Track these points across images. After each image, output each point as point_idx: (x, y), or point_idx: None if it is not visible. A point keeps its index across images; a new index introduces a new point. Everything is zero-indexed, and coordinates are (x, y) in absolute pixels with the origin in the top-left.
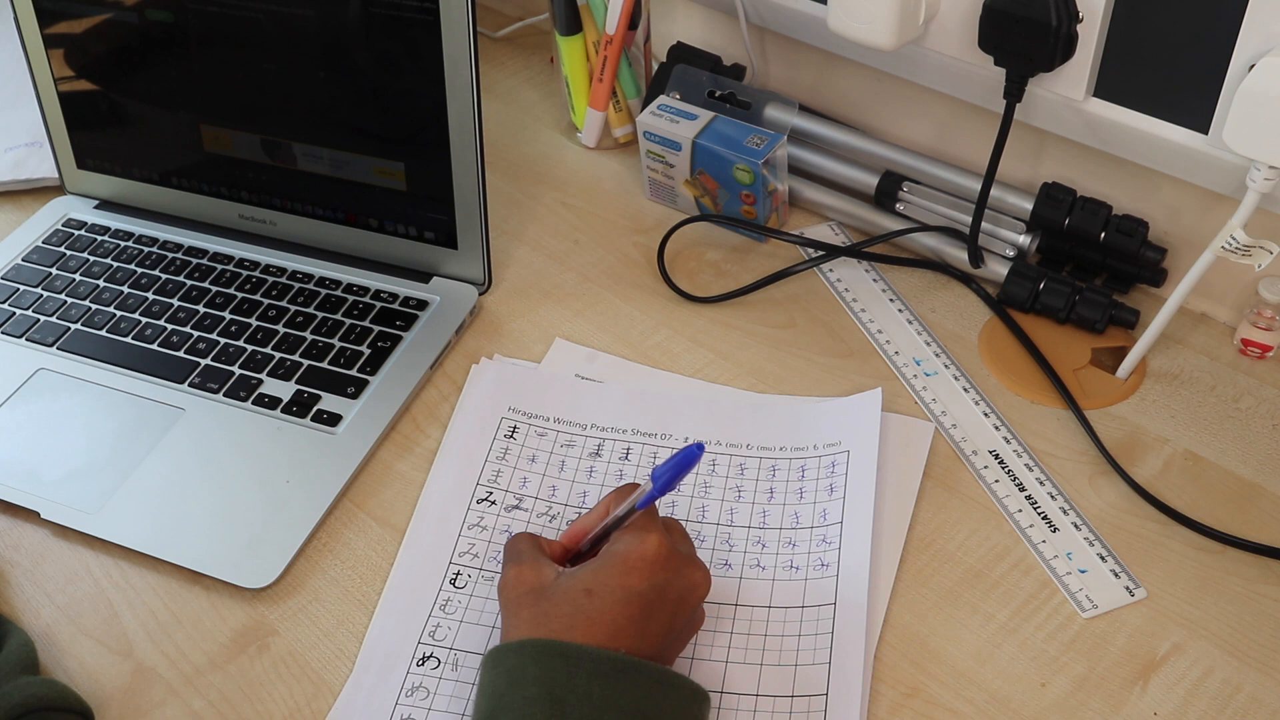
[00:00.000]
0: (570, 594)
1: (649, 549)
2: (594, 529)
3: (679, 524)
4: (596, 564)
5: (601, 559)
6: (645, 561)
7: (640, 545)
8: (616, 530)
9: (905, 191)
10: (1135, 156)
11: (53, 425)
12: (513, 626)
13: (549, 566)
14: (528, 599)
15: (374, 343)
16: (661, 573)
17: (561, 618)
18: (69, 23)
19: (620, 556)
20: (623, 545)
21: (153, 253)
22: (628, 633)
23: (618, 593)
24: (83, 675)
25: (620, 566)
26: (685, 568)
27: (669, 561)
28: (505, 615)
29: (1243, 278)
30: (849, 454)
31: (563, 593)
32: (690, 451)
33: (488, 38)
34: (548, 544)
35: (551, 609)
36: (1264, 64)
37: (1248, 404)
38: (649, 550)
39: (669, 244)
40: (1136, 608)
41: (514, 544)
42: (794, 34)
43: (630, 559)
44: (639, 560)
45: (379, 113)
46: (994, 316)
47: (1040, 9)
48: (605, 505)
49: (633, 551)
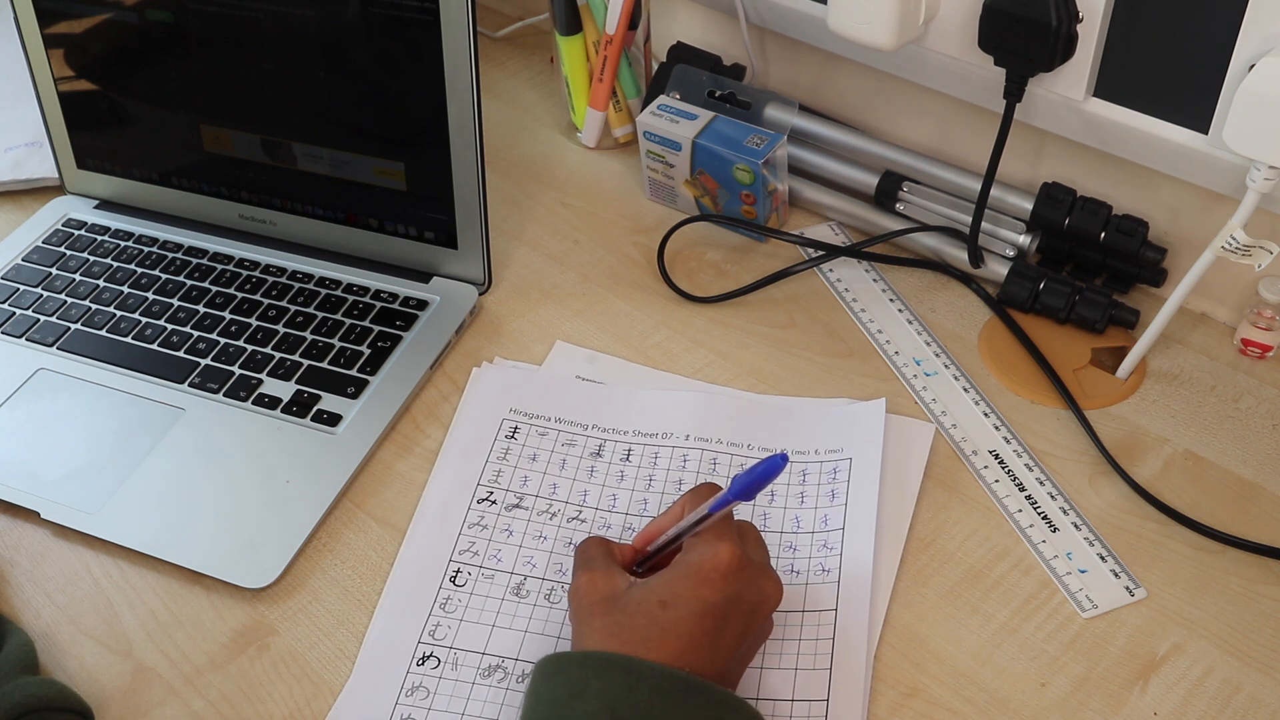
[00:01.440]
0: (644, 605)
1: (722, 559)
2: (666, 533)
3: (753, 529)
4: (670, 574)
5: (675, 569)
6: (719, 572)
7: (714, 555)
8: (690, 537)
9: (905, 191)
10: (1135, 156)
11: (53, 425)
12: (584, 635)
13: (620, 575)
14: (600, 608)
15: (374, 343)
16: (735, 583)
17: (636, 629)
18: (69, 23)
19: (694, 567)
20: (696, 555)
21: (153, 253)
22: (702, 645)
23: (693, 605)
24: (83, 675)
25: (695, 577)
26: (758, 578)
27: (742, 572)
28: (577, 623)
29: (1243, 278)
30: (851, 461)
31: (636, 604)
32: (774, 462)
33: (488, 38)
34: (618, 548)
35: (625, 620)
36: (1264, 64)
37: (1248, 404)
38: (722, 560)
39: (669, 244)
40: (1136, 608)
41: (585, 549)
42: (794, 34)
43: (704, 569)
44: (713, 571)
45: (379, 113)
46: (994, 316)
47: (1040, 9)
48: (679, 508)
49: (706, 561)
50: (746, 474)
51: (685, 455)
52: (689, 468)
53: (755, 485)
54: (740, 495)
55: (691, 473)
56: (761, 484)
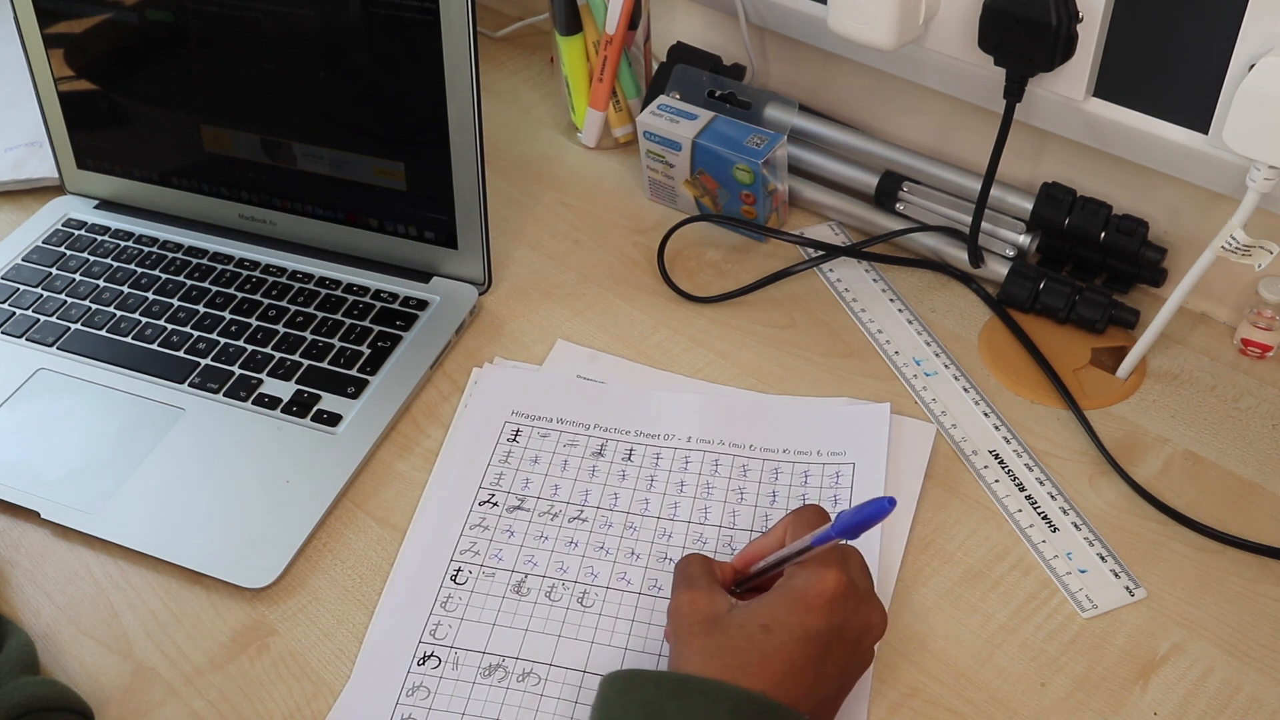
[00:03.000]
0: (746, 629)
1: (828, 586)
2: (767, 556)
3: (858, 555)
4: (773, 599)
5: (779, 593)
6: (824, 599)
7: (819, 582)
8: (793, 564)
9: (905, 191)
10: (1135, 156)
11: (53, 425)
12: (683, 655)
13: (722, 595)
14: (700, 628)
15: (374, 343)
16: (840, 612)
17: (736, 652)
18: (69, 23)
19: (799, 593)
20: (802, 581)
21: (153, 253)
22: (804, 673)
23: (796, 631)
24: (83, 675)
25: (799, 604)
26: (863, 606)
27: (848, 600)
28: (676, 642)
29: (1243, 278)
30: (854, 466)
31: (738, 627)
32: (880, 505)
33: (488, 38)
34: (719, 566)
35: (726, 642)
36: (1264, 64)
37: (1248, 404)
38: (828, 588)
39: (669, 244)
40: (1136, 608)
41: (686, 567)
42: (794, 34)
43: (809, 596)
44: (818, 598)
45: (379, 113)
46: (994, 316)
47: (1040, 9)
48: (781, 529)
49: (811, 588)
50: (852, 512)
51: (687, 456)
52: (691, 468)
53: (860, 525)
54: (844, 534)
55: (694, 473)
56: (867, 525)
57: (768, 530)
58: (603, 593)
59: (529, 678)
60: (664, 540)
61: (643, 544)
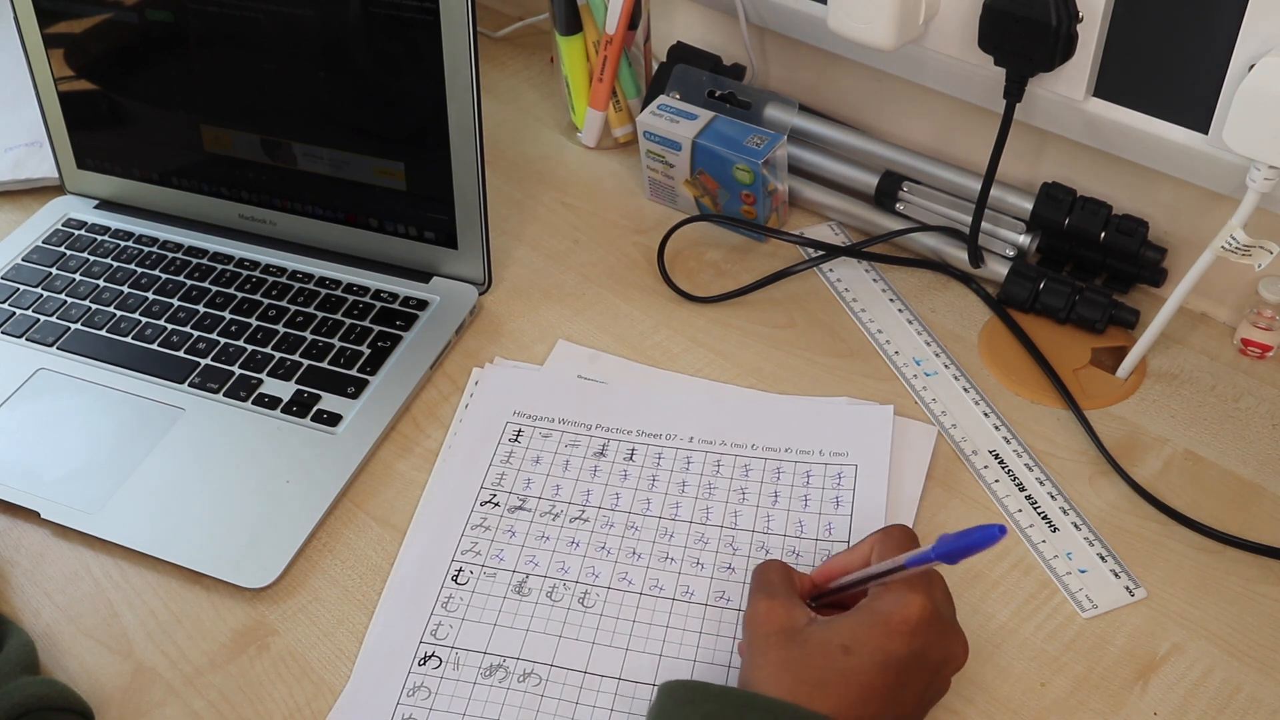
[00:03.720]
0: (825, 647)
1: (913, 611)
2: (851, 573)
3: (943, 581)
4: (856, 618)
5: (862, 614)
6: (909, 625)
7: (905, 606)
8: (878, 584)
9: (905, 191)
10: (1135, 156)
11: (53, 425)
12: (758, 666)
13: (800, 607)
14: (777, 639)
15: (374, 343)
16: (923, 639)
17: (813, 669)
18: (69, 23)
19: (883, 616)
20: (887, 603)
21: (153, 253)
22: (880, 698)
23: (877, 655)
24: (83, 675)
25: (882, 626)
26: (946, 635)
27: (931, 627)
28: (751, 651)
29: (1243, 278)
30: (856, 468)
31: (817, 643)
32: (989, 532)
33: (488, 38)
34: (798, 577)
35: (803, 658)
36: (1264, 64)
37: (1248, 404)
38: (913, 613)
39: (669, 244)
40: (1136, 608)
41: (765, 573)
42: (794, 34)
43: (893, 620)
44: (902, 623)
45: (379, 113)
46: (994, 316)
47: (1040, 9)
48: (867, 547)
49: (896, 612)
50: (955, 537)
51: (689, 456)
52: (693, 468)
53: (962, 552)
54: (944, 558)
55: (695, 473)
56: (969, 553)
57: (851, 546)
58: (604, 593)
59: (530, 678)
60: (665, 540)
61: (644, 544)
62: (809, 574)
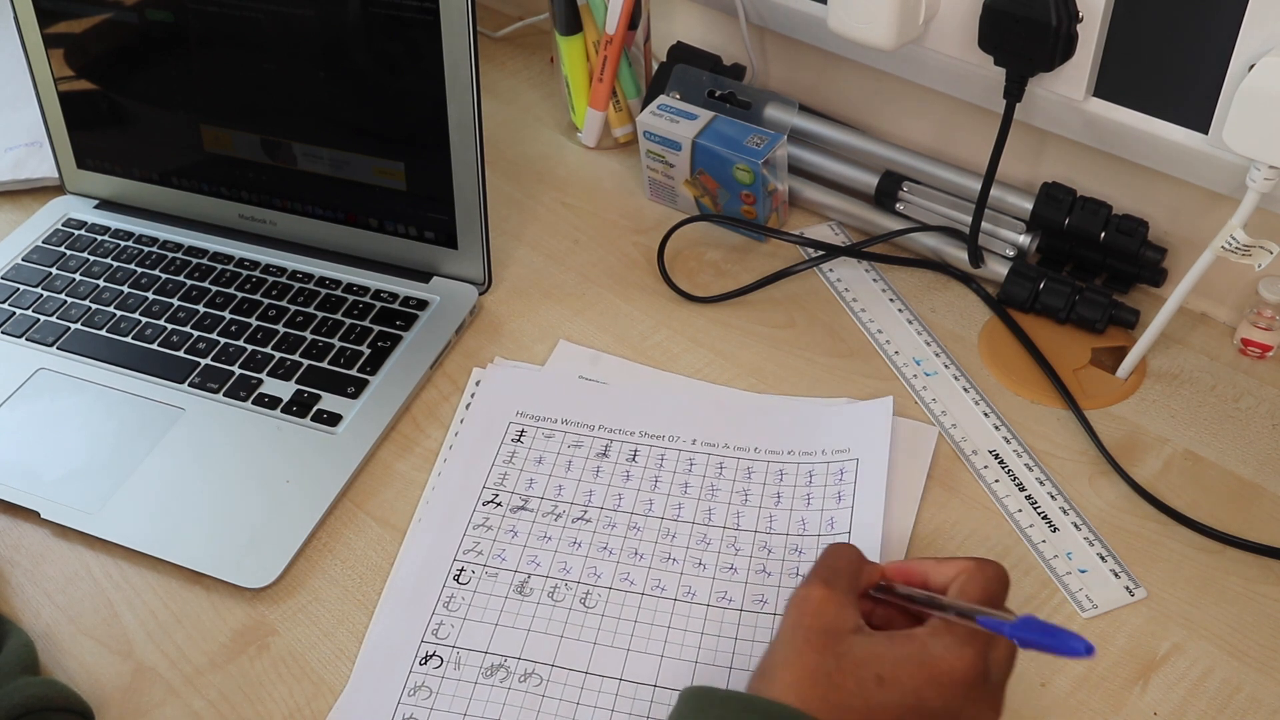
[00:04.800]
0: (861, 670)
1: (961, 667)
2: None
3: (1009, 646)
4: (903, 650)
5: (911, 647)
6: (952, 679)
7: (958, 659)
8: (940, 619)
9: (905, 191)
10: (1135, 156)
11: (53, 425)
12: (788, 662)
13: (853, 609)
14: (817, 640)
15: (374, 342)
16: (961, 698)
17: (840, 689)
18: (69, 23)
19: (931, 660)
20: (939, 649)
21: (153, 252)
22: None
23: (909, 698)
24: (83, 675)
25: (925, 671)
26: (984, 701)
27: (974, 689)
28: (786, 638)
29: (1243, 278)
30: (858, 462)
31: (854, 663)
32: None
33: (488, 38)
34: (867, 567)
35: (836, 674)
36: (1264, 64)
37: (1248, 404)
38: (960, 669)
39: (669, 244)
40: (1136, 608)
41: (834, 557)
42: (794, 34)
43: (939, 669)
44: (947, 674)
45: (379, 113)
46: (994, 316)
47: (1040, 9)
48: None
49: (944, 661)
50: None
51: (692, 459)
52: (695, 471)
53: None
54: (1018, 640)
55: (698, 475)
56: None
57: (943, 559)
58: (605, 593)
59: (531, 678)
60: (668, 541)
61: (646, 544)
62: (884, 565)
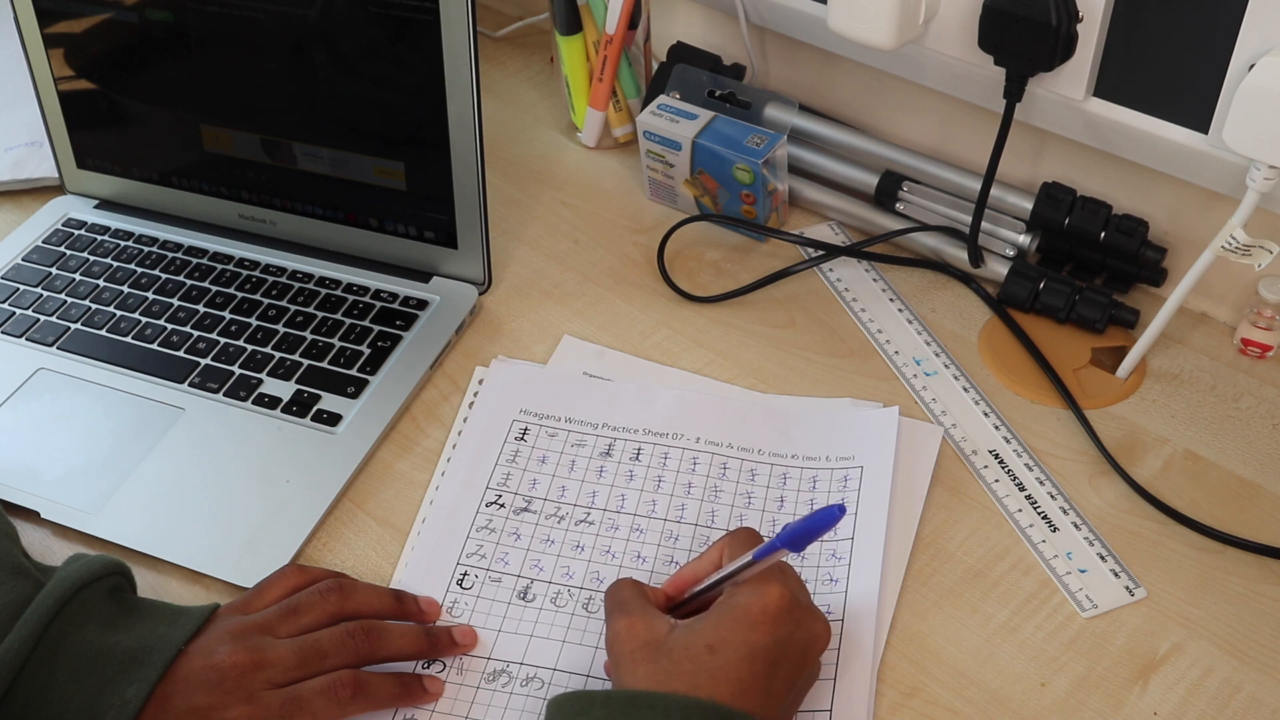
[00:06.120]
0: (691, 650)
1: (770, 601)
2: (702, 579)
3: (791, 569)
4: (715, 617)
5: (721, 611)
6: (768, 615)
7: (761, 598)
8: (732, 583)
9: (905, 191)
10: (1135, 156)
11: (53, 425)
12: (629, 684)
13: (659, 618)
14: (643, 654)
15: (374, 342)
16: (784, 626)
17: (683, 675)
18: (69, 23)
19: (741, 609)
20: (743, 598)
21: (153, 252)
22: (753, 690)
23: (741, 649)
24: None
25: (742, 620)
26: (806, 619)
27: (791, 613)
28: (620, 671)
29: (1243, 277)
30: (863, 469)
31: (682, 649)
32: (830, 512)
33: (488, 38)
34: (651, 591)
35: (672, 666)
36: (1264, 64)
37: (1248, 404)
38: (770, 603)
39: (669, 244)
40: (1136, 607)
41: (617, 592)
42: (794, 34)
43: (752, 612)
44: (761, 614)
45: (379, 112)
46: (994, 316)
47: (1040, 9)
48: (716, 553)
49: (754, 605)
50: (799, 523)
51: (695, 458)
52: (699, 470)
53: (806, 536)
54: (789, 545)
55: (701, 475)
56: (813, 535)
57: (700, 554)
58: None
59: (532, 682)
60: (671, 543)
61: (649, 547)
62: (661, 587)
